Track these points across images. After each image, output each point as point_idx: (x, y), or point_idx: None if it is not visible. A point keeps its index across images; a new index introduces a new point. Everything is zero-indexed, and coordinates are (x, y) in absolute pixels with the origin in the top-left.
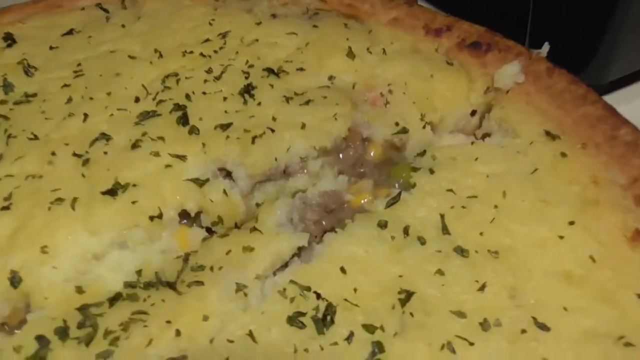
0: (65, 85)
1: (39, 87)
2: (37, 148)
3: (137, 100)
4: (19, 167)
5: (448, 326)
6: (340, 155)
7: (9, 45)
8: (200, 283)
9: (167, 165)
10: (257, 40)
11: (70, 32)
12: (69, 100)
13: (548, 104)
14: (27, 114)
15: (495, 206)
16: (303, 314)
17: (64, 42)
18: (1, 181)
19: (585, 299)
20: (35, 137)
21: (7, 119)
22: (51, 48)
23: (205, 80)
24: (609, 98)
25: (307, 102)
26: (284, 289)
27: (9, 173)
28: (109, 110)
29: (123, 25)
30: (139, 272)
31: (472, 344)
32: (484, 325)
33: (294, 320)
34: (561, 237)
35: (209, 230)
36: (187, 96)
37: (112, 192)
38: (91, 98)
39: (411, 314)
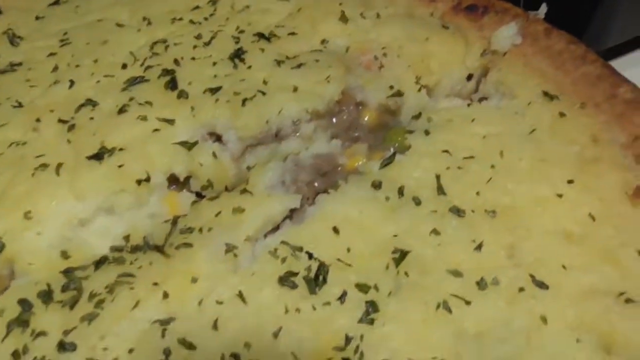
0: (51, 54)
1: (25, 56)
2: (21, 115)
3: (124, 66)
4: (2, 135)
5: (444, 285)
6: (334, 119)
7: None
8: (188, 245)
9: (155, 130)
10: (248, 6)
11: (56, 2)
12: (55, 68)
13: (546, 65)
14: (12, 83)
15: (493, 166)
16: (295, 274)
17: (50, 12)
18: None
19: (585, 257)
20: (20, 105)
21: None
22: (37, 18)
23: (195, 46)
24: None
25: (299, 66)
26: (275, 250)
27: None
28: (96, 77)
29: None
30: (126, 238)
31: (468, 302)
32: (481, 284)
33: (285, 280)
34: (560, 196)
35: (198, 195)
36: (176, 61)
37: (98, 157)
38: (77, 65)
39: (406, 273)
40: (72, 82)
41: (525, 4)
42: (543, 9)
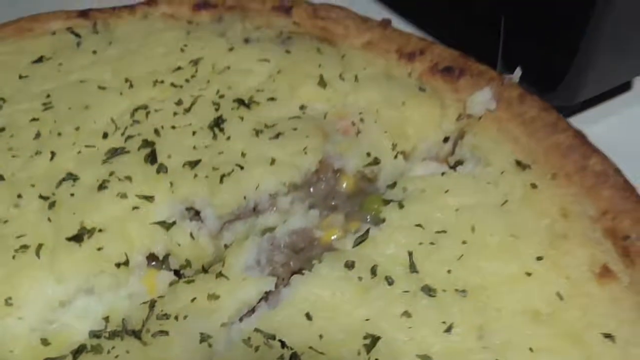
0: (34, 120)
1: (7, 120)
2: (3, 189)
3: (105, 136)
4: None
5: None
6: (311, 189)
7: None
8: (164, 333)
9: (135, 207)
10: (228, 67)
11: (40, 59)
12: (37, 135)
13: (520, 132)
14: None
15: (464, 242)
16: None
17: (33, 71)
18: None
19: (551, 339)
20: (2, 178)
21: None
22: (20, 77)
23: (175, 113)
24: (580, 117)
25: (277, 136)
26: (249, 338)
27: None
28: (77, 147)
29: (94, 52)
30: (106, 319)
31: None
32: None
33: None
34: (529, 274)
35: (177, 273)
36: (156, 131)
37: (77, 238)
38: (59, 134)
39: None
40: (53, 154)
41: (503, 61)
42: (518, 72)
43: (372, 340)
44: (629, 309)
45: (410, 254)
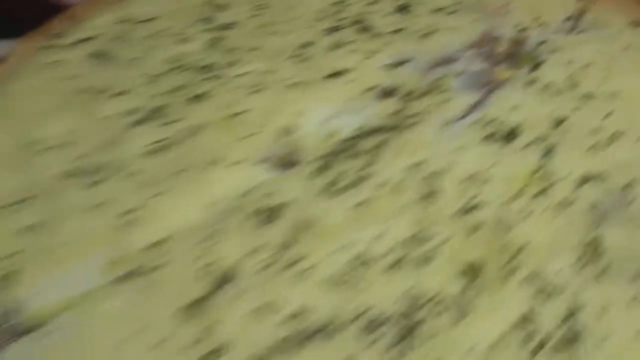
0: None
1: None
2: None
3: (318, 19)
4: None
5: None
6: (481, 50)
7: None
8: (414, 124)
9: (365, 58)
10: None
11: None
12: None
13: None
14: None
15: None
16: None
17: None
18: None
19: None
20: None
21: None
22: None
23: (368, 4)
24: None
25: (451, 13)
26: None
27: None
28: (299, 29)
29: None
30: (359, 128)
31: None
32: None
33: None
34: None
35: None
36: (359, 14)
37: (332, 76)
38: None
39: None
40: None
41: None
42: None
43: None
44: None
45: (571, 75)
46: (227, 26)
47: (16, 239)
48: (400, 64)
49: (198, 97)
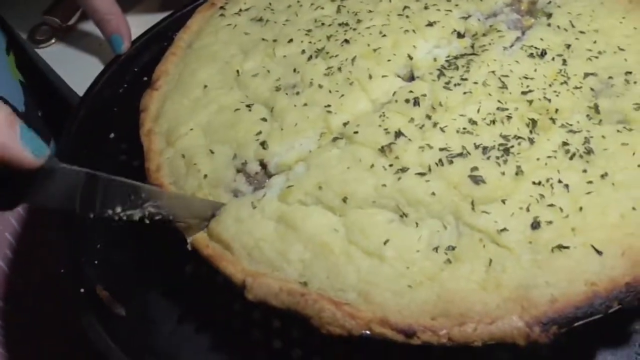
0: None
1: None
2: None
3: None
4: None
5: None
6: (513, 7)
7: None
8: (485, 50)
9: (445, 14)
10: None
11: None
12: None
13: None
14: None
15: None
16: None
17: None
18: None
19: None
20: (370, 11)
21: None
22: None
23: None
24: None
25: None
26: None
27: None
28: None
29: None
30: (449, 55)
31: None
32: None
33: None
34: None
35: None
36: None
37: (429, 25)
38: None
39: None
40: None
41: None
42: None
43: None
44: None
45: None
46: None
47: (257, 125)
48: (468, 17)
49: (346, 41)
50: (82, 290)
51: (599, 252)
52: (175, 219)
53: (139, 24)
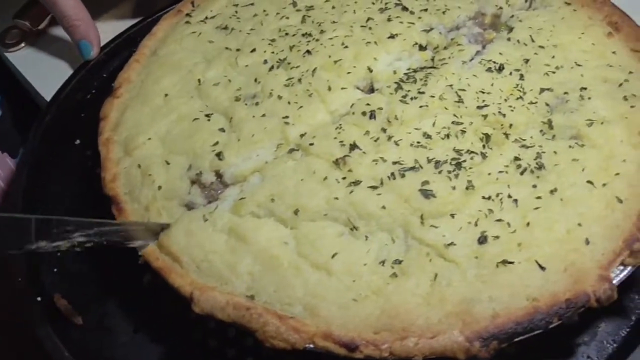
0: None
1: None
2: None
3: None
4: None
5: None
6: (476, 20)
7: None
8: (444, 64)
9: (409, 25)
10: None
11: None
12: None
13: None
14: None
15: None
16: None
17: None
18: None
19: None
20: (334, 22)
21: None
22: None
23: None
24: None
25: None
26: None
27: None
28: (360, 9)
29: None
30: (409, 69)
31: None
32: None
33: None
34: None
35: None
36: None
37: (391, 37)
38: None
39: None
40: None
41: None
42: None
43: None
44: None
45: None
46: (309, 8)
47: (214, 136)
48: (430, 29)
49: (309, 52)
50: (38, 298)
51: (542, 268)
52: (108, 244)
53: (110, 29)
